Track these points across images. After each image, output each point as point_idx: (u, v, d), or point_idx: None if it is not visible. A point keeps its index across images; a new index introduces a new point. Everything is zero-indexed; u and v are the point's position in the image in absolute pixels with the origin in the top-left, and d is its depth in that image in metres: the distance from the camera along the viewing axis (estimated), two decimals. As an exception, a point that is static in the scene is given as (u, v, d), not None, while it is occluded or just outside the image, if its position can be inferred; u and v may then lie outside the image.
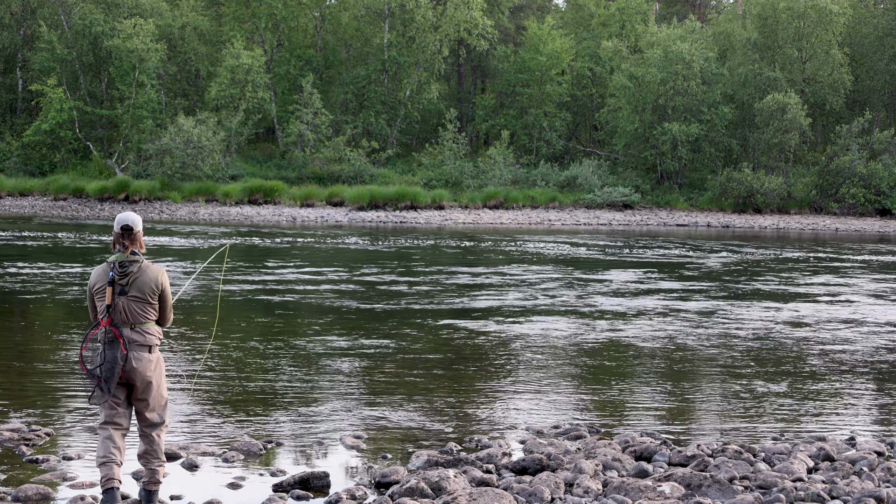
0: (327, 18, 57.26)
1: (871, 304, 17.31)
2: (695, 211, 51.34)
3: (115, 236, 5.79)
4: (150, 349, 5.80)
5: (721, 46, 58.46)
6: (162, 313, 5.89)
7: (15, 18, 55.06)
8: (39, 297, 15.65)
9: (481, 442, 7.61)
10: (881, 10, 61.21)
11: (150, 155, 47.38)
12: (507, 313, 14.94)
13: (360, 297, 16.62)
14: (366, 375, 10.08)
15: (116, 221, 5.80)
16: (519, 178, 52.08)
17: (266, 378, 9.77)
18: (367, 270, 21.23)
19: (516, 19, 67.64)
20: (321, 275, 20.09)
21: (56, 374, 9.70)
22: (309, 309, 15.14)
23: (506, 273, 21.47)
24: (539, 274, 21.35)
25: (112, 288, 5.70)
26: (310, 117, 51.12)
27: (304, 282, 18.67)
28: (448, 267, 22.71)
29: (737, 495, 6.09)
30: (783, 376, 10.59)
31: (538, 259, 25.52)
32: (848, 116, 56.70)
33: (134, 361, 5.71)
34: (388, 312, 14.77)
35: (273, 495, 6.16)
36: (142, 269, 5.74)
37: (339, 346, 11.84)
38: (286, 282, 18.57)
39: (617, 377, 10.49)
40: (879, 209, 51.04)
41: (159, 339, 5.87)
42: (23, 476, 6.44)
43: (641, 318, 14.72)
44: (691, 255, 27.78)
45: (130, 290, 5.72)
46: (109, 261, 5.77)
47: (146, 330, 5.78)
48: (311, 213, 44.02)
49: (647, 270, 22.85)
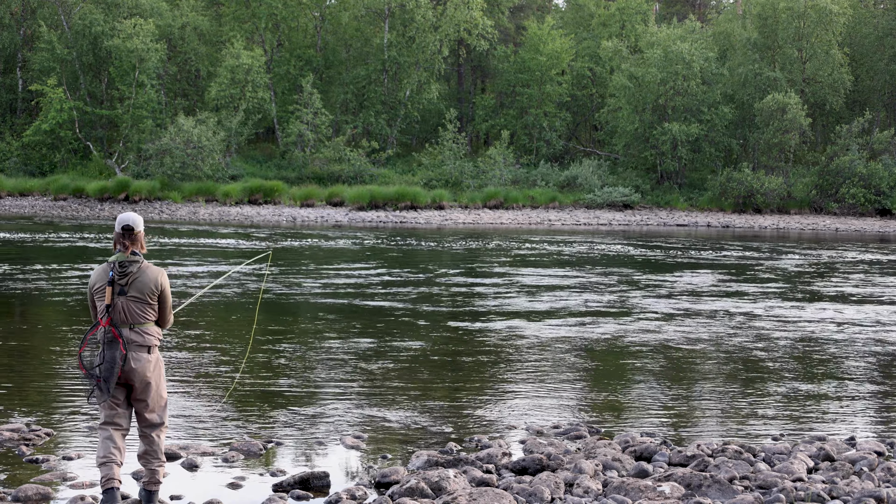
0: (327, 18, 57.27)
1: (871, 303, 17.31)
2: (695, 211, 51.34)
3: (116, 236, 5.78)
4: (150, 350, 5.77)
5: (721, 46, 58.46)
6: (161, 314, 5.86)
7: (15, 18, 55.06)
8: (39, 297, 15.65)
9: (481, 442, 7.61)
10: (881, 10, 61.21)
11: (150, 155, 47.39)
12: (508, 313, 14.94)
13: (360, 296, 16.62)
14: (366, 375, 10.08)
15: (118, 221, 5.78)
16: (519, 178, 52.08)
17: (266, 378, 9.77)
18: (366, 270, 21.23)
19: (516, 19, 67.65)
20: (321, 275, 20.09)
21: (56, 374, 9.70)
22: (309, 309, 15.14)
23: (506, 273, 21.47)
24: (539, 274, 21.35)
25: (112, 288, 5.68)
26: (310, 117, 51.13)
27: (303, 282, 18.67)
28: (448, 267, 22.71)
29: (737, 495, 6.09)
30: (783, 376, 10.59)
31: (538, 259, 25.52)
32: (848, 116, 56.70)
33: (133, 362, 5.69)
34: (388, 312, 14.77)
35: (273, 495, 6.16)
36: (141, 269, 5.72)
37: (339, 346, 11.84)
38: (286, 282, 18.57)
39: (617, 377, 10.49)
40: (879, 209, 51.04)
41: (159, 340, 5.85)
42: (23, 476, 6.44)
43: (641, 319, 14.72)
44: (691, 255, 27.79)
45: (130, 291, 5.69)
46: (110, 261, 5.76)
47: (145, 330, 5.76)
48: (311, 213, 44.02)
49: (647, 271, 22.85)
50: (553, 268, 22.96)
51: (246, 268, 20.14)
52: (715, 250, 30.13)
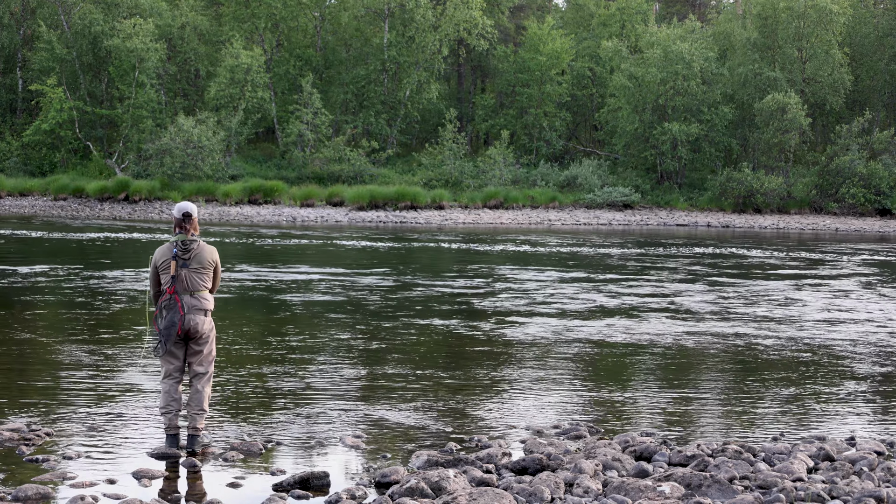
0: (327, 18, 57.26)
1: (870, 303, 17.31)
2: (695, 211, 51.35)
3: (175, 221, 7.07)
4: (206, 312, 7.11)
5: (721, 46, 58.47)
6: (214, 282, 7.25)
7: (15, 18, 55.04)
8: (39, 296, 15.65)
9: (481, 442, 7.61)
10: (881, 10, 61.23)
11: (150, 155, 47.38)
12: (508, 313, 14.94)
13: (360, 296, 16.62)
14: (366, 375, 10.08)
15: (177, 209, 7.07)
16: (519, 178, 52.09)
17: (266, 378, 9.77)
18: (366, 270, 21.23)
19: (516, 19, 67.66)
20: (321, 274, 20.09)
21: (56, 374, 9.70)
22: (308, 308, 15.13)
23: (506, 273, 21.47)
24: (539, 274, 21.35)
25: (176, 262, 6.99)
26: (310, 117, 51.13)
27: (303, 281, 18.67)
28: (448, 267, 22.71)
29: (737, 495, 6.09)
30: (783, 376, 10.59)
31: (538, 259, 25.52)
32: (848, 116, 56.71)
33: (193, 320, 7.01)
34: (389, 312, 14.77)
35: (273, 495, 6.16)
36: (200, 246, 7.09)
37: (339, 345, 11.84)
38: (286, 282, 18.58)
39: (617, 377, 10.49)
40: (879, 209, 51.05)
41: (212, 306, 7.15)
42: (23, 476, 6.44)
43: (641, 318, 14.72)
44: (691, 255, 27.80)
45: (191, 264, 7.03)
46: (171, 241, 7.05)
47: (203, 297, 7.09)
48: (311, 213, 44.03)
49: (646, 270, 22.85)
50: (553, 267, 22.96)
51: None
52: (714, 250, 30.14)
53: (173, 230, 7.10)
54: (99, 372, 9.83)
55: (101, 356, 10.67)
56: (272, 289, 17.45)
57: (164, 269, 7.04)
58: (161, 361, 7.15)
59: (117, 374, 9.78)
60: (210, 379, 7.20)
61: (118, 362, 10.38)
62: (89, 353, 10.86)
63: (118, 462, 6.83)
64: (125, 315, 13.94)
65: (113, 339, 11.88)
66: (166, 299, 6.98)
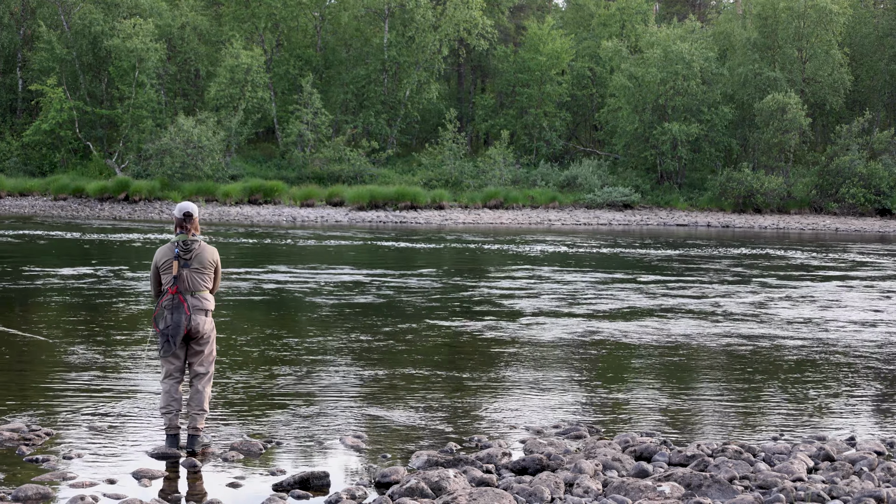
0: (327, 18, 57.26)
1: (871, 303, 17.31)
2: (695, 211, 51.35)
3: (176, 221, 7.09)
4: (206, 313, 7.14)
5: (721, 46, 58.47)
6: (214, 283, 7.26)
7: (15, 18, 55.04)
8: (39, 296, 15.64)
9: (481, 442, 7.61)
10: (881, 10, 61.23)
11: (150, 155, 47.38)
12: (507, 313, 14.94)
13: (360, 296, 16.62)
14: (366, 375, 10.08)
15: (178, 209, 7.08)
16: (519, 178, 52.09)
17: (266, 378, 9.76)
18: (366, 270, 21.23)
19: (516, 19, 67.65)
20: (321, 274, 20.09)
21: (56, 374, 9.70)
22: (308, 308, 15.13)
23: (505, 273, 21.47)
24: (539, 273, 21.34)
25: (177, 262, 7.02)
26: (310, 117, 51.13)
27: (303, 281, 18.67)
28: (448, 266, 22.71)
29: (737, 495, 6.09)
30: (783, 376, 10.59)
31: (538, 259, 25.51)
32: (848, 116, 56.70)
33: (195, 321, 7.04)
34: (389, 312, 14.77)
35: (273, 495, 6.16)
36: (202, 246, 7.11)
37: (338, 345, 11.84)
38: (286, 281, 18.58)
39: (617, 377, 10.49)
40: (879, 209, 51.05)
41: (213, 306, 7.18)
42: (23, 476, 6.44)
43: (641, 318, 14.72)
44: (691, 255, 27.79)
45: (193, 264, 7.05)
46: (173, 241, 7.07)
47: (204, 297, 7.11)
48: (311, 213, 44.03)
49: (646, 270, 22.85)
50: (553, 267, 22.96)
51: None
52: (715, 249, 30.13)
53: (174, 230, 7.12)
54: (99, 372, 9.83)
55: (101, 356, 10.67)
56: (271, 288, 17.44)
57: (165, 270, 7.06)
58: (162, 361, 7.16)
59: (117, 374, 9.78)
60: (210, 379, 7.22)
61: (118, 362, 10.38)
62: (89, 352, 10.86)
63: (118, 462, 6.83)
64: (125, 315, 13.94)
65: (113, 339, 11.87)
66: (168, 299, 6.99)
